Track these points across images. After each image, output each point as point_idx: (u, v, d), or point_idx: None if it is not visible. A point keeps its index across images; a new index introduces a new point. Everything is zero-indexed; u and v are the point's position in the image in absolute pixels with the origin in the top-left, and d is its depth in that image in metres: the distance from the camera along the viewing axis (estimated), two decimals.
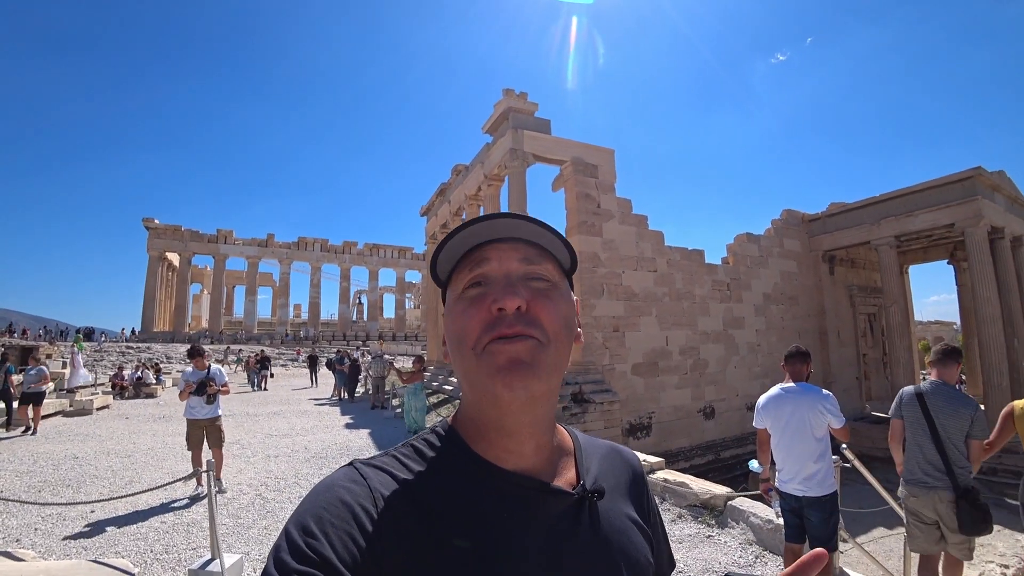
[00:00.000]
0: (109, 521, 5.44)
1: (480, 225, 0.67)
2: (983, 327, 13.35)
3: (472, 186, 15.30)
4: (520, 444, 0.66)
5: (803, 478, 3.69)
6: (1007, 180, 15.05)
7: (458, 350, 0.65)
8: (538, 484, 0.66)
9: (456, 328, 0.66)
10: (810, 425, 3.69)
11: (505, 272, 0.66)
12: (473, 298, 0.65)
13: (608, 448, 0.84)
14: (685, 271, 13.09)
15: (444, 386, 16.10)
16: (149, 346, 31.87)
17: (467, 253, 0.68)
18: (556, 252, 0.71)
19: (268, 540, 4.97)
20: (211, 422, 6.69)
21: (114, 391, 16.93)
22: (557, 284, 0.69)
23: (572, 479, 0.71)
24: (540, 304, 0.65)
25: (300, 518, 0.58)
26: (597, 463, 0.77)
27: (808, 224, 17.08)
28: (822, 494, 3.67)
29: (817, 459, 3.69)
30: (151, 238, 39.65)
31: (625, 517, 0.73)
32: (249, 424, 11.76)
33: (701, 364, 13.05)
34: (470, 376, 0.64)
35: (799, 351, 3.98)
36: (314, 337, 42.36)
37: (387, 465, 0.65)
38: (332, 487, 0.61)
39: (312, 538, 0.55)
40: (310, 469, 7.76)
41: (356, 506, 0.58)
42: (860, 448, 14.25)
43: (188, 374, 6.71)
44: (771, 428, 3.89)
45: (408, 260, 50.60)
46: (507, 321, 0.62)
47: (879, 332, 18.48)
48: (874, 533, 8.09)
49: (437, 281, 0.73)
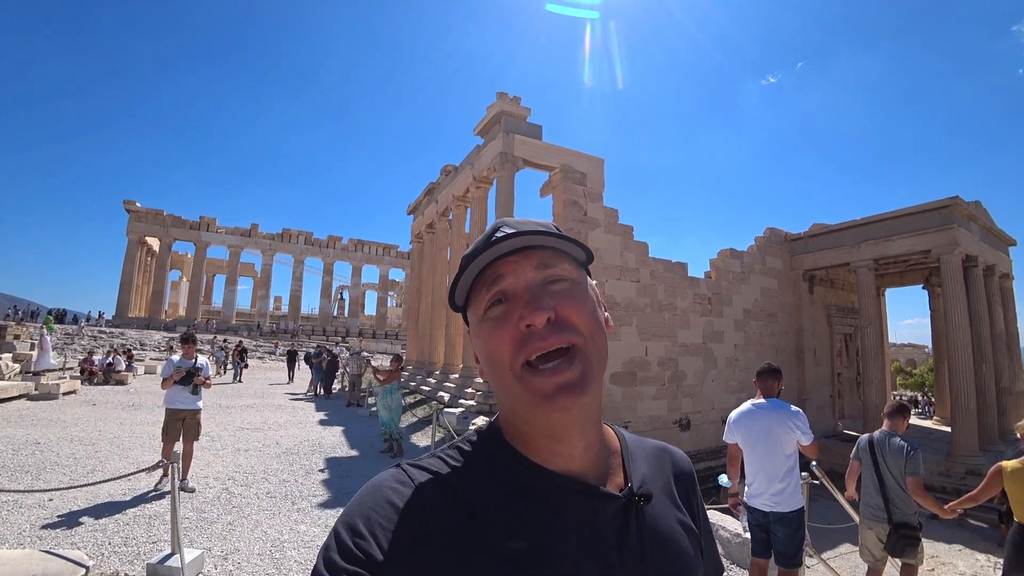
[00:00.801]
0: (67, 510, 5.29)
1: (491, 250, 0.65)
2: (954, 352, 13.62)
3: (461, 187, 15.26)
4: (569, 447, 0.66)
5: (771, 493, 3.73)
6: (982, 210, 15.42)
7: (494, 370, 0.65)
8: (585, 487, 0.66)
9: (488, 350, 0.66)
10: (780, 441, 3.73)
11: (525, 284, 0.65)
12: (498, 317, 0.65)
13: (657, 448, 0.83)
14: (667, 283, 13.18)
15: (422, 386, 16.01)
16: (123, 331, 31.20)
17: (480, 273, 0.67)
18: (568, 250, 0.70)
19: (232, 535, 4.87)
20: (192, 414, 6.38)
21: (82, 376, 16.53)
22: (577, 280, 0.69)
23: (620, 481, 0.71)
24: (567, 306, 0.65)
25: (349, 518, 0.58)
26: (645, 464, 0.76)
27: (790, 243, 17.32)
28: (789, 510, 3.72)
29: (785, 475, 3.73)
30: (131, 221, 38.89)
31: (674, 520, 0.73)
32: (221, 416, 11.55)
33: (679, 376, 13.13)
34: (513, 395, 0.64)
35: (771, 368, 4.03)
36: (293, 331, 41.87)
37: (433, 467, 0.65)
38: (380, 488, 0.62)
39: (360, 538, 0.56)
40: (280, 465, 7.65)
41: (403, 507, 0.59)
42: (831, 465, 14.43)
43: (175, 361, 6.35)
44: (741, 443, 3.92)
45: (392, 258, 50.28)
46: (539, 335, 0.62)
47: (854, 352, 18.78)
48: (840, 549, 8.19)
49: (455, 307, 0.72)
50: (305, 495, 6.30)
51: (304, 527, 5.23)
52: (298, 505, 5.91)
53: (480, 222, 14.07)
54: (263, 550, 4.59)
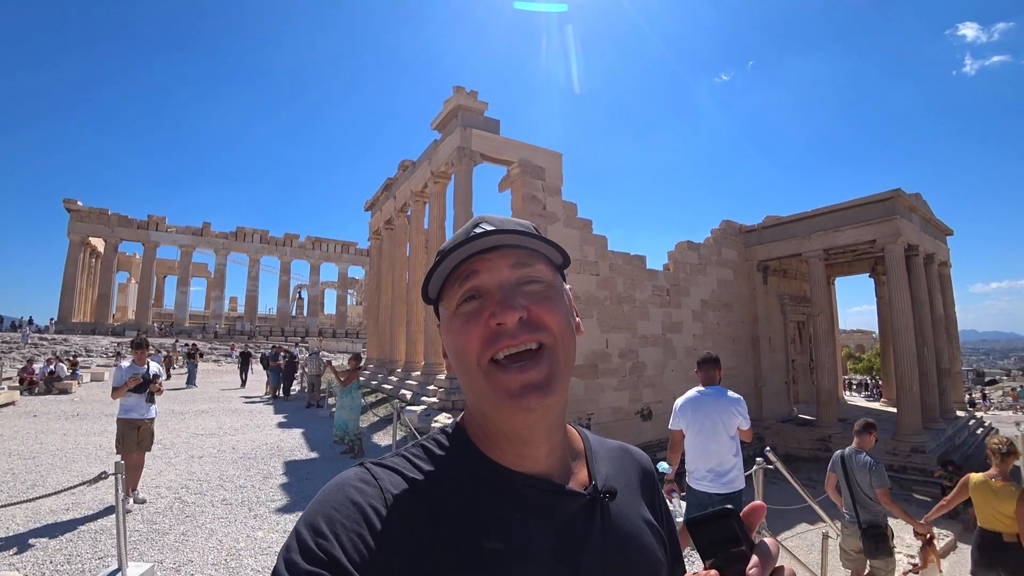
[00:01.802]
0: (5, 529, 4.99)
1: (467, 246, 0.65)
2: (898, 337, 14.28)
3: (419, 182, 15.07)
4: (534, 449, 0.66)
5: (715, 476, 3.92)
6: (922, 202, 16.19)
7: (461, 366, 0.66)
8: (551, 486, 0.66)
9: (456, 345, 0.66)
10: (724, 425, 3.93)
11: (498, 282, 0.65)
12: (469, 313, 0.65)
13: (618, 448, 0.83)
14: (627, 276, 13.36)
15: (383, 385, 15.80)
16: (66, 338, 29.68)
17: (455, 268, 0.67)
18: (546, 252, 0.70)
19: (185, 547, 4.69)
20: (147, 423, 6.01)
21: (22, 387, 15.64)
22: (552, 283, 0.69)
23: (584, 480, 0.71)
24: (540, 307, 0.65)
25: (310, 518, 0.57)
26: (608, 463, 0.77)
27: (745, 235, 17.79)
28: (732, 491, 3.92)
29: (728, 457, 3.93)
30: (73, 221, 36.91)
31: (638, 517, 0.73)
32: (174, 423, 11.11)
33: (640, 367, 13.34)
34: (479, 392, 0.64)
35: (711, 357, 4.26)
36: (251, 332, 40.67)
37: (398, 466, 0.65)
38: (343, 487, 0.60)
39: (322, 538, 0.54)
40: (237, 471, 7.41)
41: (367, 506, 0.58)
42: (787, 448, 14.96)
43: (126, 369, 5.91)
44: (687, 429, 4.09)
45: (351, 255, 49.33)
46: (509, 333, 0.62)
47: (807, 339, 19.46)
48: (797, 528, 8.48)
49: (427, 299, 0.72)
50: (263, 500, 6.12)
51: (262, 533, 5.08)
52: (255, 511, 5.73)
53: (439, 217, 13.93)
54: (218, 559, 4.44)
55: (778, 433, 15.74)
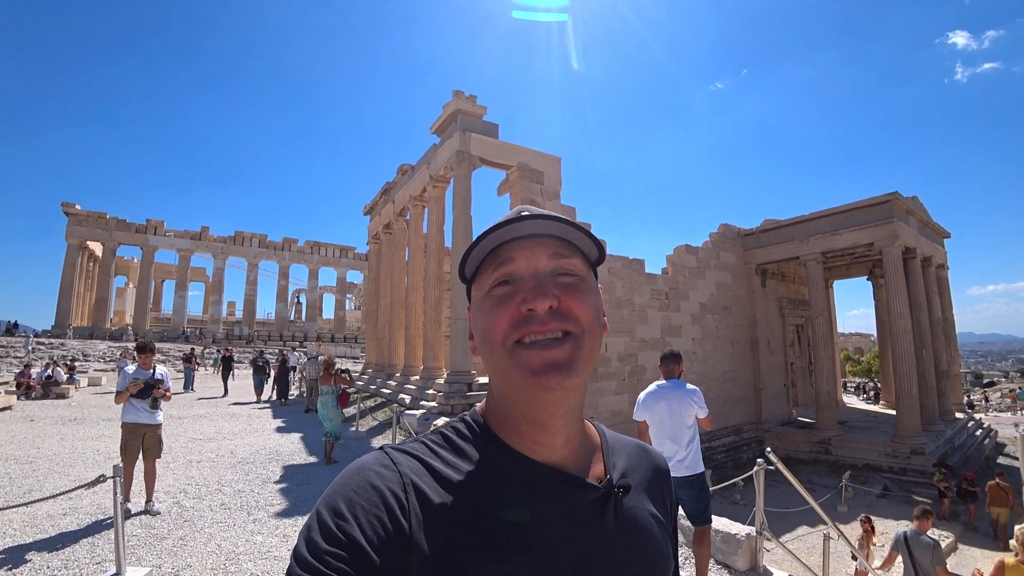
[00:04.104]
0: (1, 534, 4.96)
1: (508, 227, 0.67)
2: (896, 339, 14.31)
3: (417, 187, 15.08)
4: (551, 437, 0.67)
5: (676, 460, 4.14)
6: (919, 205, 16.24)
7: (486, 346, 0.67)
8: (567, 476, 0.67)
9: (485, 324, 0.67)
10: (681, 415, 4.21)
11: (533, 270, 0.66)
12: (501, 296, 0.66)
13: (635, 446, 0.84)
14: (626, 280, 13.37)
15: (382, 389, 15.77)
16: (64, 342, 29.61)
17: (492, 251, 0.68)
18: (583, 246, 0.71)
19: (183, 551, 4.66)
20: (152, 430, 5.86)
21: (19, 391, 15.58)
22: (585, 278, 0.70)
23: (600, 473, 0.72)
24: (571, 298, 0.66)
25: (331, 500, 0.59)
26: (624, 459, 0.78)
27: (743, 238, 17.83)
28: (691, 474, 4.16)
29: (687, 443, 4.19)
30: (71, 225, 36.82)
31: (649, 514, 0.74)
32: (172, 427, 11.05)
33: (639, 370, 13.34)
34: (502, 372, 0.66)
35: (673, 353, 4.58)
36: (249, 336, 40.61)
37: (417, 451, 0.66)
38: (362, 470, 0.62)
39: (343, 520, 0.56)
40: (235, 475, 7.38)
41: (386, 490, 0.59)
42: (787, 451, 14.93)
43: (131, 372, 5.77)
44: (649, 420, 4.36)
45: (350, 260, 49.30)
46: (539, 319, 0.63)
47: (806, 342, 19.49)
48: (798, 531, 8.47)
49: (463, 279, 0.73)
50: (262, 505, 6.09)
51: (261, 538, 5.05)
52: (254, 516, 5.70)
53: (437, 221, 13.94)
54: (217, 564, 4.41)
55: (778, 436, 15.74)
